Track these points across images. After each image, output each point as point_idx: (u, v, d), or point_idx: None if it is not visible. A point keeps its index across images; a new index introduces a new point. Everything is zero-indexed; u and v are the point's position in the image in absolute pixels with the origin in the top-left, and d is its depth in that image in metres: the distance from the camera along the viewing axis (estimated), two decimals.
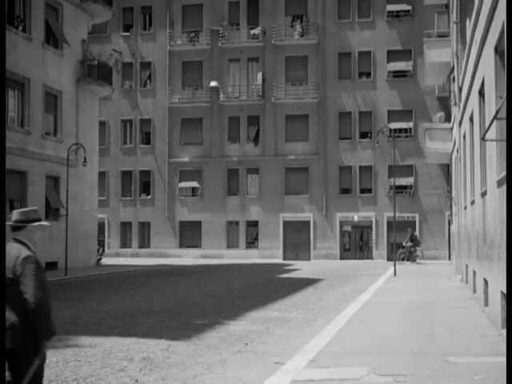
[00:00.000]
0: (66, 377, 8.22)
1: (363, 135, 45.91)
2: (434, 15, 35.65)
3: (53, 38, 32.60)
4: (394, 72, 45.54)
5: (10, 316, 5.14)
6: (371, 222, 45.15)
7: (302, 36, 46.91)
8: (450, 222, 39.05)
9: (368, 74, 46.01)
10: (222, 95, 47.59)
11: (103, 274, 29.67)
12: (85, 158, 29.86)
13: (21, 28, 30.18)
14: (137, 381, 8.04)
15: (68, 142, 31.93)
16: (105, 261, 38.60)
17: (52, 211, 31.98)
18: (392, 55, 45.43)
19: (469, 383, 7.60)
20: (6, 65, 28.43)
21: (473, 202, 16.42)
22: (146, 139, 49.09)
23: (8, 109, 29.11)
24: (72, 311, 15.35)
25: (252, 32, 47.63)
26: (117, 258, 43.24)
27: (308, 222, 45.79)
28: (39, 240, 5.34)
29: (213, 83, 47.40)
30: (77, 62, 34.37)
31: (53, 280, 25.66)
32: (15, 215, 5.56)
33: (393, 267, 28.36)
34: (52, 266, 31.32)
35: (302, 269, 33.45)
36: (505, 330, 9.38)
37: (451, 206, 33.21)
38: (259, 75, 47.28)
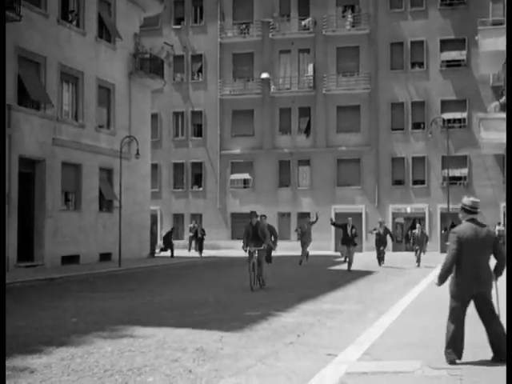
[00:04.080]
0: (121, 366, 8.32)
1: (416, 126, 45.39)
2: (489, 3, 35.00)
3: (106, 32, 32.97)
4: (448, 61, 44.86)
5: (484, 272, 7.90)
6: (424, 213, 44.66)
7: (354, 26, 46.54)
8: (505, 214, 38.35)
9: (421, 64, 45.43)
10: (272, 87, 47.53)
11: (156, 266, 29.96)
12: (137, 151, 30.12)
13: (75, 23, 30.61)
14: (190, 371, 8.09)
15: (121, 135, 32.30)
16: (157, 252, 38.90)
17: (106, 203, 32.42)
18: (445, 44, 44.76)
19: None
20: (61, 59, 28.96)
21: None
22: (198, 131, 49.37)
23: (63, 102, 29.60)
24: (126, 302, 15.54)
25: (303, 23, 47.43)
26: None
27: (360, 214, 45.50)
28: (94, 231, 5.37)
29: (264, 75, 47.36)
30: (129, 55, 34.72)
31: (106, 271, 26.05)
32: (472, 203, 8.03)
33: None
34: (106, 257, 31.77)
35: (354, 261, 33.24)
36: None
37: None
38: (310, 66, 47.07)
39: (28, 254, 27.14)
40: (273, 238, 22.21)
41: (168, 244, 37.54)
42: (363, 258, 34.07)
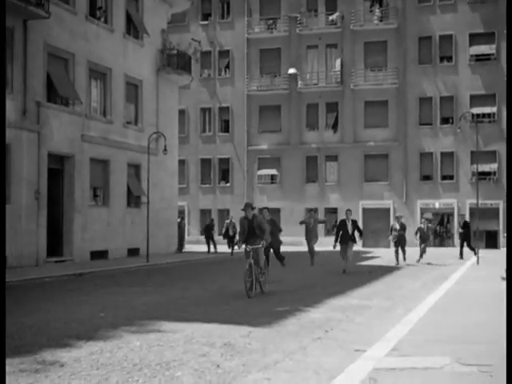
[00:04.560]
0: (150, 361, 8.36)
1: (444, 121, 45.07)
2: None
3: (133, 28, 33.14)
4: (477, 55, 44.46)
5: None
6: (453, 209, 44.32)
7: (382, 21, 46.28)
8: None
9: (449, 58, 45.07)
10: (300, 82, 47.44)
11: (184, 261, 30.06)
12: (165, 147, 30.23)
13: (103, 19, 30.78)
14: (218, 366, 8.11)
15: (148, 131, 32.45)
16: (186, 247, 38.99)
17: (134, 199, 32.60)
18: (474, 38, 44.36)
19: None
20: (90, 56, 29.12)
21: None
22: (225, 127, 49.46)
23: (91, 99, 29.81)
24: (154, 297, 15.61)
25: (330, 18, 47.27)
26: (197, 245, 43.74)
27: (388, 210, 45.29)
28: (122, 227, 5.44)
29: (291, 70, 47.30)
30: (156, 51, 34.86)
31: (135, 266, 26.20)
32: None
33: (475, 256, 27.76)
34: (134, 252, 31.96)
35: (382, 256, 33.12)
36: None
37: None
38: (338, 61, 46.91)
39: (57, 249, 27.40)
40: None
41: (208, 237, 37.10)
42: (390, 254, 33.90)
